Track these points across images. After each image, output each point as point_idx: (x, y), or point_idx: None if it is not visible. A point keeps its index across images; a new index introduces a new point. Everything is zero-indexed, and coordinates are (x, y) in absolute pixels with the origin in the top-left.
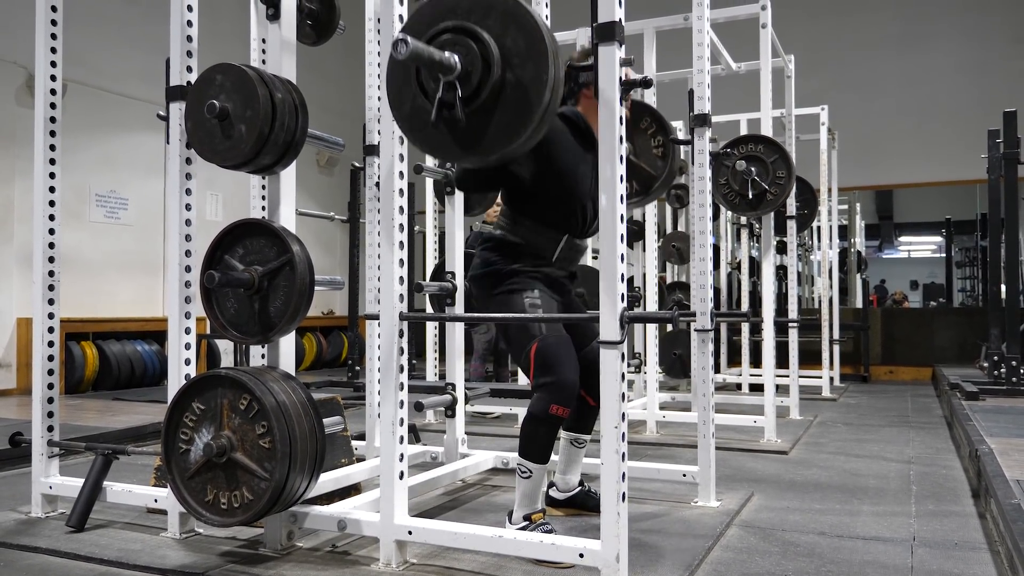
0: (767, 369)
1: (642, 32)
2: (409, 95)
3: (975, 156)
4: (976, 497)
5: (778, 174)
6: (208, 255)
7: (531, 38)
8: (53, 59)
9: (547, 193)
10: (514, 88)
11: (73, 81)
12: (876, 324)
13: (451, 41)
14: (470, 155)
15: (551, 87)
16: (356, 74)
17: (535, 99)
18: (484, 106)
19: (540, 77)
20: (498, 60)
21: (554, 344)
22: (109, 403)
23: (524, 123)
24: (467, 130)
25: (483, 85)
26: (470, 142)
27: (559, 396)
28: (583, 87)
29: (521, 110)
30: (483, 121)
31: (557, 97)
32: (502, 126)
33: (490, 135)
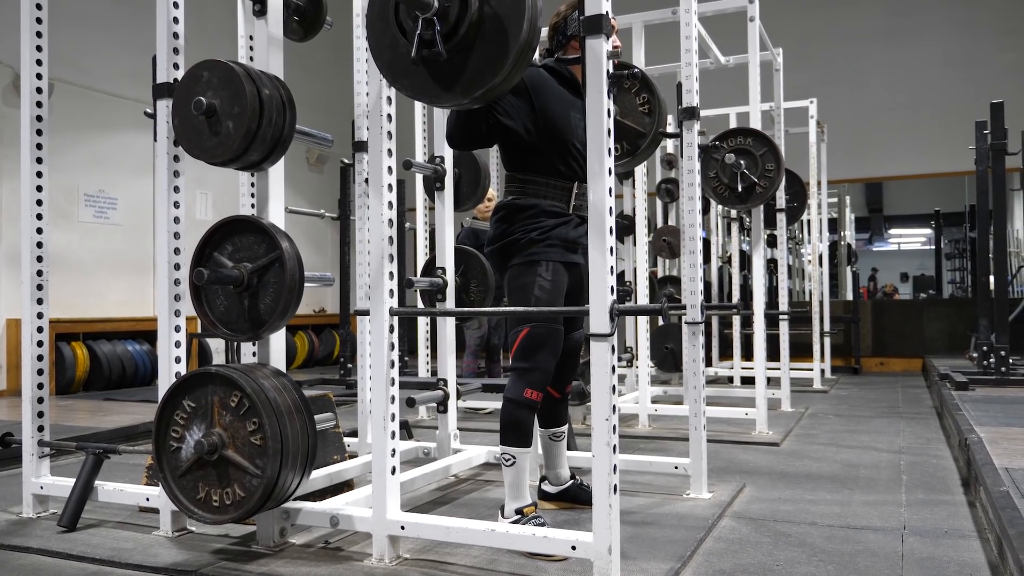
0: (758, 362)
1: (630, 26)
2: (389, 37)
3: (964, 148)
4: (965, 486)
5: (767, 167)
6: (197, 253)
7: None
8: (39, 58)
9: (543, 142)
10: (492, 20)
11: (60, 81)
12: (867, 316)
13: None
14: (453, 93)
15: (529, 16)
16: (344, 70)
17: (514, 30)
18: (463, 42)
19: (518, 6)
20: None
21: (543, 334)
22: (100, 403)
23: (504, 55)
24: (448, 68)
25: (461, 20)
26: (452, 79)
27: (533, 381)
28: (571, 39)
29: (500, 43)
30: (464, 57)
31: (536, 29)
32: (483, 61)
33: (471, 71)
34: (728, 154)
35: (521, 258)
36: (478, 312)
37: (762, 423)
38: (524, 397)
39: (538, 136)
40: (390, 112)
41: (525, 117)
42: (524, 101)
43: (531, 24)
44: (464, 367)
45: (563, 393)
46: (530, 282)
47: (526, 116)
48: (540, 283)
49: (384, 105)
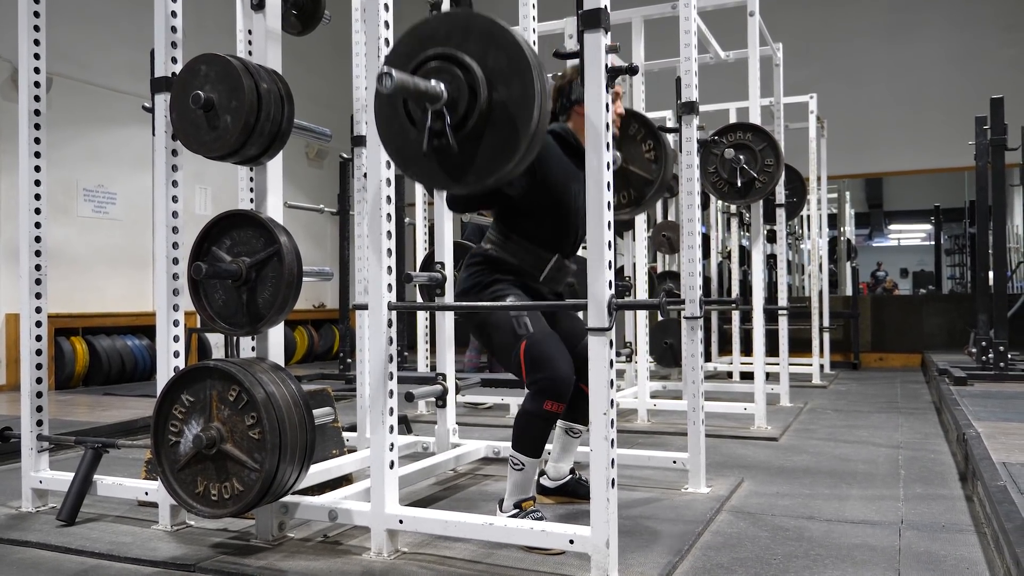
0: (757, 357)
1: (630, 21)
2: (398, 126)
3: (964, 144)
4: (963, 480)
5: (767, 162)
6: (195, 247)
7: (512, 55)
8: (37, 52)
9: (539, 211)
10: (502, 108)
11: (59, 75)
12: (866, 311)
13: (435, 69)
14: (465, 183)
15: (539, 102)
16: (343, 64)
17: (524, 117)
18: (474, 131)
19: (527, 93)
20: (483, 82)
21: (542, 340)
22: (99, 398)
23: (516, 143)
24: (459, 158)
25: (471, 110)
26: (464, 170)
27: (553, 392)
28: (575, 104)
29: (511, 131)
30: (474, 146)
31: (546, 113)
32: (494, 149)
33: (483, 160)
34: (727, 149)
35: (488, 297)
36: (477, 307)
37: (761, 418)
38: (543, 410)
39: (535, 205)
40: None
41: (525, 186)
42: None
43: (541, 110)
44: (467, 362)
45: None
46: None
47: (526, 185)
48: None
49: None
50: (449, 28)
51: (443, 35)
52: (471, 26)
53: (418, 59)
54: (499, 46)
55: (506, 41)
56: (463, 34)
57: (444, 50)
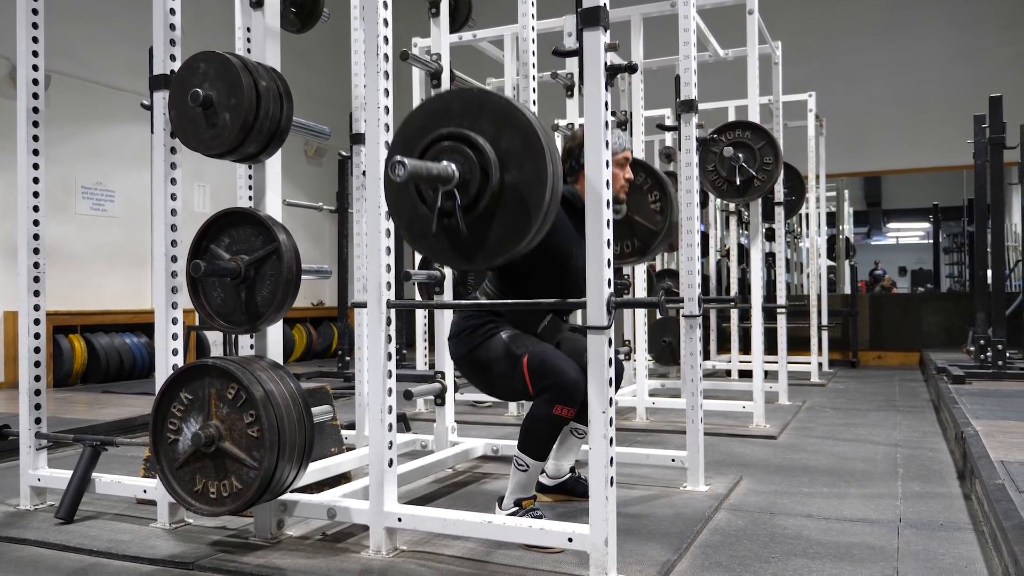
0: (756, 355)
1: (629, 19)
2: (408, 203)
3: (962, 142)
4: (961, 478)
5: (765, 160)
6: (194, 245)
7: (526, 137)
8: (35, 49)
9: (539, 274)
10: (513, 191)
11: (57, 72)
12: (864, 310)
13: (447, 149)
14: (474, 263)
15: (551, 185)
16: (342, 62)
17: (535, 201)
18: (485, 212)
19: (539, 177)
20: (495, 164)
21: (545, 350)
22: (98, 396)
23: (527, 226)
24: (469, 238)
25: (483, 191)
26: (474, 249)
27: (562, 396)
28: (583, 166)
29: (522, 212)
30: (485, 227)
31: (557, 195)
32: (505, 230)
33: (493, 240)
34: (726, 147)
35: (480, 337)
36: (476, 305)
37: (759, 416)
38: (553, 414)
39: (536, 269)
40: (388, 104)
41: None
42: None
43: (552, 192)
44: None
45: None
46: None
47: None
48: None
49: (382, 97)
50: (463, 106)
51: (456, 112)
52: (485, 105)
53: (430, 137)
54: (513, 127)
55: (520, 123)
56: (477, 113)
57: (456, 130)
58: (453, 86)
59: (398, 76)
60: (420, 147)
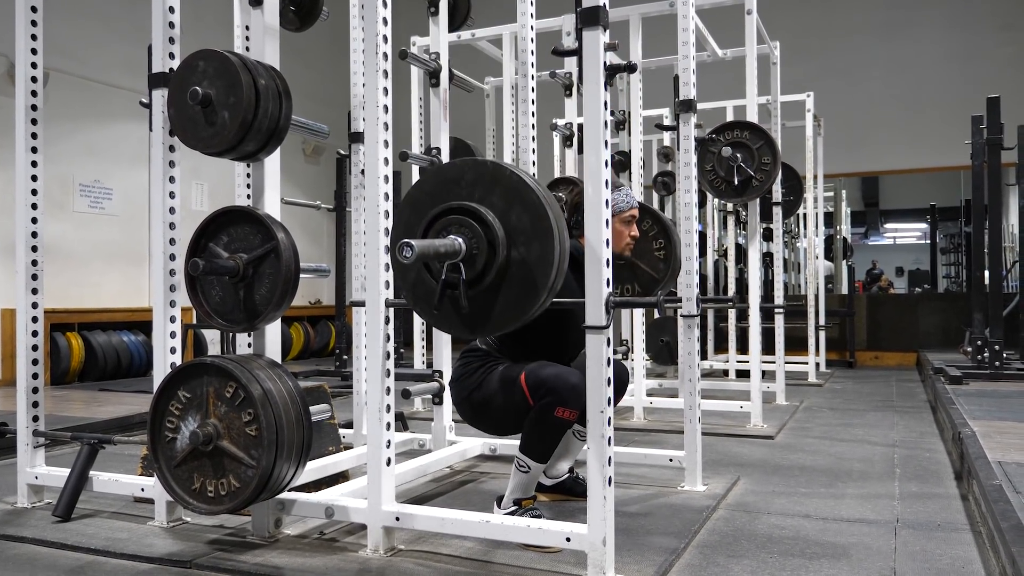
0: (753, 355)
1: (628, 19)
2: (413, 269)
3: (960, 142)
4: (959, 479)
5: (763, 160)
6: (192, 243)
7: (536, 215)
8: (34, 47)
9: (539, 333)
10: (519, 267)
11: (55, 70)
12: (861, 310)
13: (456, 222)
14: (478, 333)
15: (557, 265)
16: (341, 61)
17: (541, 279)
18: (491, 286)
19: (546, 257)
20: (503, 241)
21: (541, 365)
22: (95, 394)
23: (531, 302)
24: (472, 310)
25: (489, 266)
26: (478, 321)
27: (563, 399)
28: None
29: (528, 289)
30: (490, 300)
31: (563, 272)
32: (509, 305)
33: (497, 313)
34: (724, 147)
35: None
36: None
37: (757, 416)
38: (555, 416)
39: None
40: (386, 103)
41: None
42: None
43: (558, 271)
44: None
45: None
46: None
47: None
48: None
49: (380, 96)
50: (475, 177)
51: (468, 182)
52: (498, 179)
53: (439, 208)
54: (524, 205)
55: (531, 201)
56: (489, 186)
57: (466, 204)
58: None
59: (397, 75)
60: (428, 217)
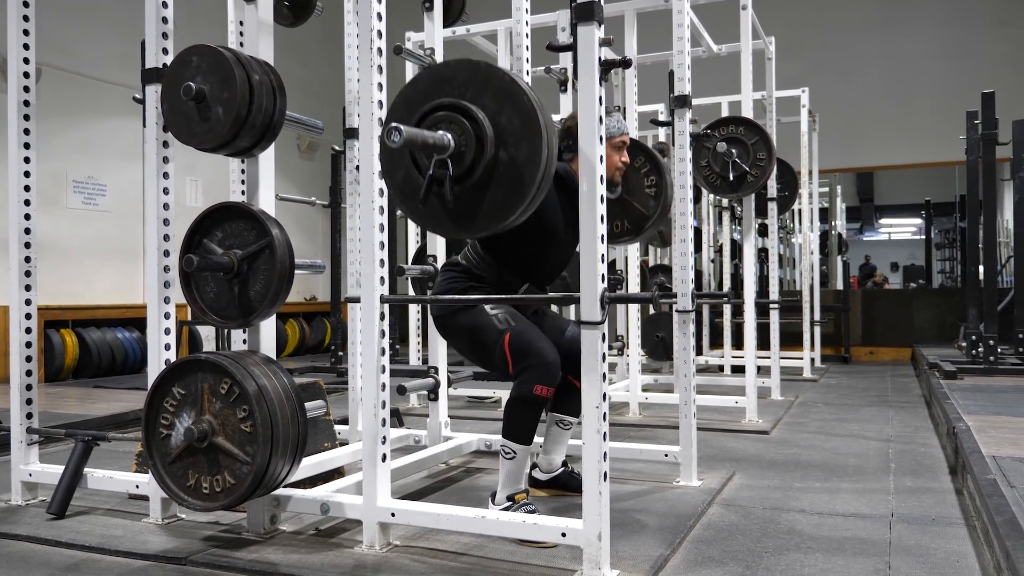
0: (748, 350)
1: (623, 14)
2: (401, 166)
3: (955, 138)
4: (953, 473)
5: (759, 156)
6: (187, 239)
7: (526, 118)
8: (26, 42)
9: (523, 249)
10: (507, 167)
11: (48, 66)
12: (856, 305)
13: (445, 118)
14: (461, 231)
15: (544, 167)
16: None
17: (528, 179)
18: (477, 184)
19: (534, 158)
20: (492, 139)
21: (525, 330)
22: (90, 391)
23: (517, 202)
24: (459, 207)
25: (476, 164)
26: (461, 219)
27: (541, 376)
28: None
29: (514, 189)
30: (475, 199)
31: (549, 175)
32: (495, 204)
33: (483, 212)
34: (720, 143)
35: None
36: (468, 300)
37: (752, 411)
38: (533, 394)
39: (519, 240)
40: (381, 99)
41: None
42: None
43: (545, 173)
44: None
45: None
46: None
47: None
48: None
49: (375, 92)
50: (468, 77)
51: (461, 82)
52: (491, 80)
53: (432, 104)
54: (515, 107)
55: (523, 103)
56: (481, 87)
57: (457, 101)
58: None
59: (391, 71)
60: (419, 113)
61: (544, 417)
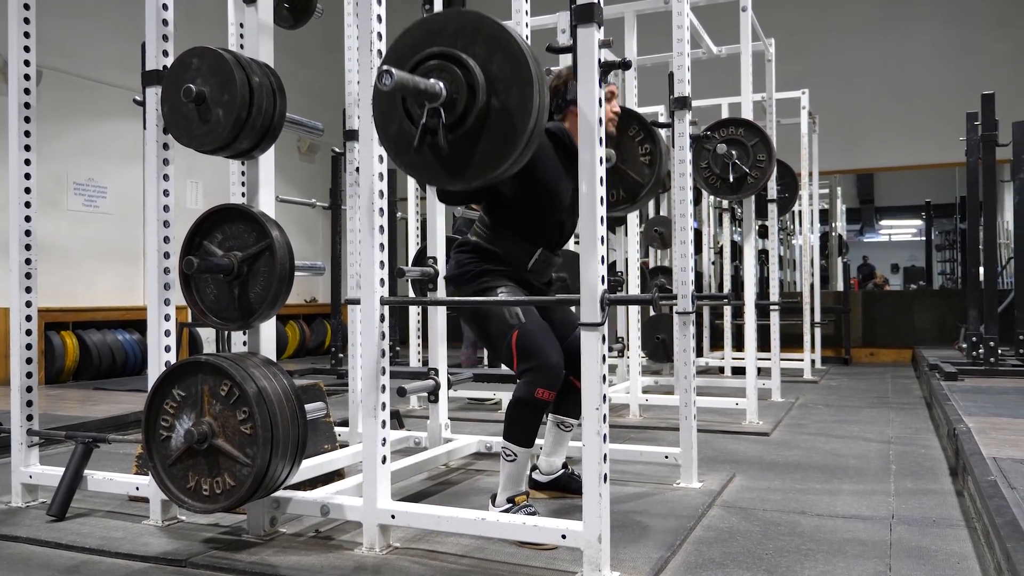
0: (749, 352)
1: (622, 15)
2: (395, 118)
3: (955, 139)
4: (954, 475)
5: (759, 157)
6: (187, 241)
7: (516, 65)
8: (27, 44)
9: (527, 208)
10: (499, 114)
11: (49, 68)
12: (857, 307)
13: (437, 67)
14: (455, 181)
15: (536, 114)
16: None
17: (520, 126)
18: (469, 132)
19: (525, 105)
20: (483, 87)
21: (534, 330)
22: (90, 393)
23: (509, 149)
24: (452, 156)
25: (468, 112)
26: (455, 168)
27: (544, 379)
28: (571, 103)
29: (506, 136)
30: (468, 147)
31: (542, 123)
32: (487, 152)
33: (475, 161)
34: (720, 144)
35: (475, 287)
36: (469, 302)
37: (752, 413)
38: (535, 397)
39: (524, 202)
40: None
41: (515, 181)
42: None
43: (537, 119)
44: (463, 359)
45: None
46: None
47: (517, 180)
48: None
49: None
50: (459, 27)
51: (451, 32)
52: (481, 29)
53: (421, 55)
54: (506, 54)
55: (513, 50)
56: (472, 35)
57: (448, 50)
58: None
59: None
60: (411, 63)
61: (545, 419)
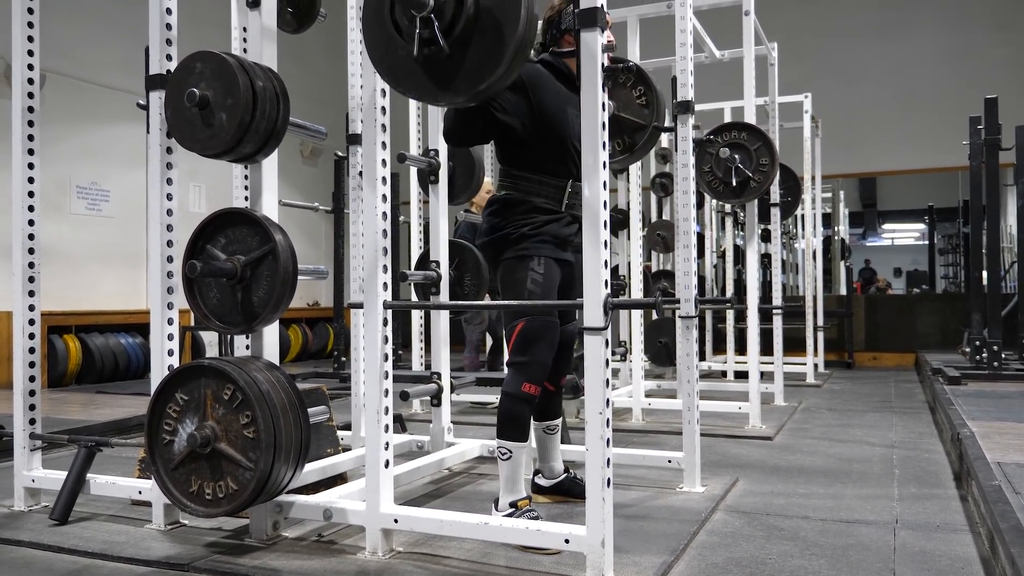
0: (752, 356)
1: (625, 19)
2: (385, 40)
3: (958, 143)
4: (958, 480)
5: (761, 161)
6: (190, 245)
7: None
8: (30, 48)
9: (539, 139)
10: (488, 15)
11: (52, 72)
12: (860, 311)
13: None
14: (455, 91)
15: (526, 12)
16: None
17: (510, 25)
18: (462, 37)
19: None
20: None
21: (539, 327)
22: (93, 396)
23: (502, 50)
24: (447, 65)
25: (457, 16)
26: (451, 77)
27: (531, 375)
28: (565, 32)
29: (498, 38)
30: (463, 53)
31: (532, 28)
32: (481, 56)
33: (470, 67)
34: (722, 148)
35: (513, 252)
36: (472, 305)
37: (755, 417)
38: (522, 391)
39: (534, 133)
40: (384, 105)
41: (522, 114)
42: (521, 97)
43: (527, 17)
44: (466, 363)
45: (557, 386)
46: (522, 277)
47: (523, 112)
48: (533, 277)
49: (378, 98)
50: None
51: None
52: None
53: None
54: None
55: None
56: None
57: None
58: None
59: None
60: None
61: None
